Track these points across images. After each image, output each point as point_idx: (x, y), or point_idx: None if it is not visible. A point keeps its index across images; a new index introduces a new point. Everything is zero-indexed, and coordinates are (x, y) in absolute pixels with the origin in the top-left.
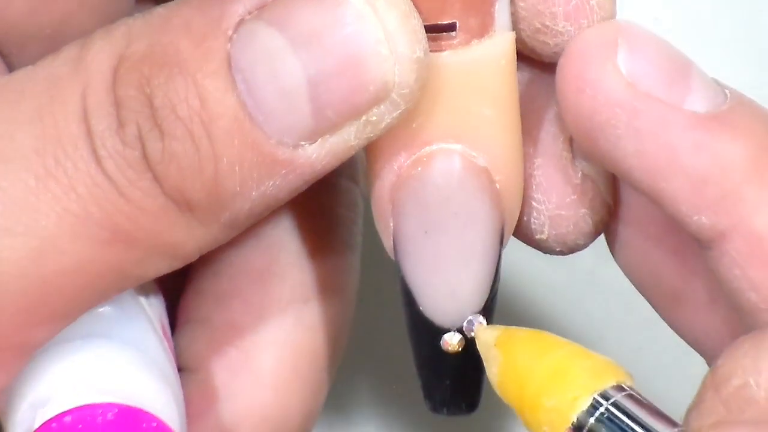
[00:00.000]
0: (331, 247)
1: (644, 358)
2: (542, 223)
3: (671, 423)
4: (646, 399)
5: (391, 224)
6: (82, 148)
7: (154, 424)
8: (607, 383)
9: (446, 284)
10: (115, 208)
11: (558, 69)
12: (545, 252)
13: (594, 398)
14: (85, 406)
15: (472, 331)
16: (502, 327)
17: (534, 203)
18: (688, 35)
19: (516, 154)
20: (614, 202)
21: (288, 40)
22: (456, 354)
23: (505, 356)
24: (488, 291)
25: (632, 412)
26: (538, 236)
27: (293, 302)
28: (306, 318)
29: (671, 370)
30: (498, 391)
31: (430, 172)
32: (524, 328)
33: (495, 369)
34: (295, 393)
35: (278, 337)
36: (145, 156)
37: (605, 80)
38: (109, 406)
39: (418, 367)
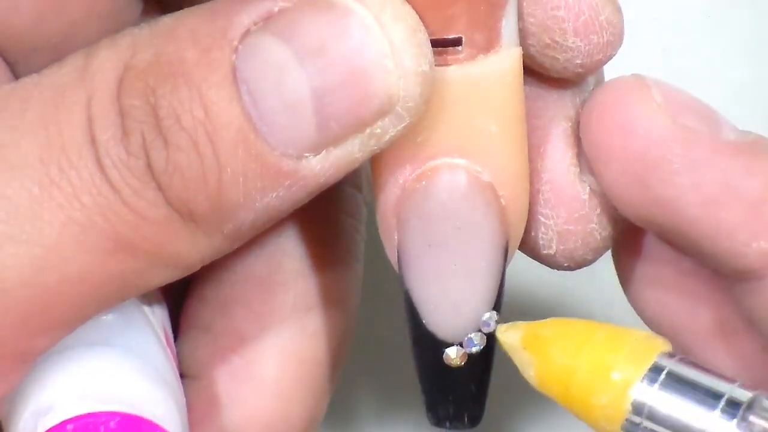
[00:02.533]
0: (334, 256)
1: None
2: (550, 239)
3: (726, 378)
4: (689, 360)
5: (396, 237)
6: (87, 157)
7: None
8: (649, 362)
9: (449, 298)
10: (119, 217)
11: (593, 118)
12: (553, 267)
13: (641, 385)
14: (87, 414)
15: (474, 347)
16: (522, 324)
17: (542, 218)
18: (687, 35)
19: (521, 169)
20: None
21: (293, 51)
22: (458, 368)
23: (539, 358)
24: (492, 306)
25: (685, 378)
26: (545, 251)
27: (296, 310)
28: (309, 326)
29: None
30: (541, 391)
31: (434, 186)
32: (543, 321)
33: (532, 372)
34: (297, 401)
35: (281, 344)
36: (149, 165)
37: (654, 118)
38: (111, 414)
39: (421, 380)
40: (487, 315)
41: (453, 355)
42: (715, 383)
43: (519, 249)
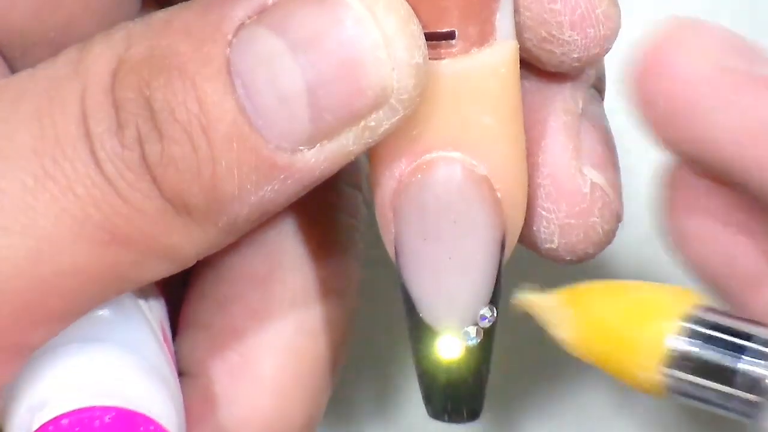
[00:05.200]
0: (332, 253)
1: None
2: (552, 232)
3: (763, 324)
4: (730, 311)
5: (393, 230)
6: (81, 149)
7: (152, 428)
8: (690, 304)
9: (445, 291)
10: (114, 209)
11: (637, 62)
12: (555, 261)
13: (684, 320)
14: (82, 409)
15: (471, 340)
16: (555, 291)
17: (543, 212)
18: None
19: (518, 162)
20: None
21: (287, 44)
22: (455, 361)
23: (577, 309)
24: (488, 299)
25: (726, 325)
26: (547, 245)
27: (295, 307)
28: (307, 323)
29: None
30: (574, 350)
31: (430, 179)
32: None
33: (566, 325)
34: (296, 398)
35: (279, 342)
36: (143, 158)
37: (694, 60)
38: (106, 409)
39: (419, 373)
40: (484, 309)
41: (449, 348)
42: (750, 329)
43: (520, 243)
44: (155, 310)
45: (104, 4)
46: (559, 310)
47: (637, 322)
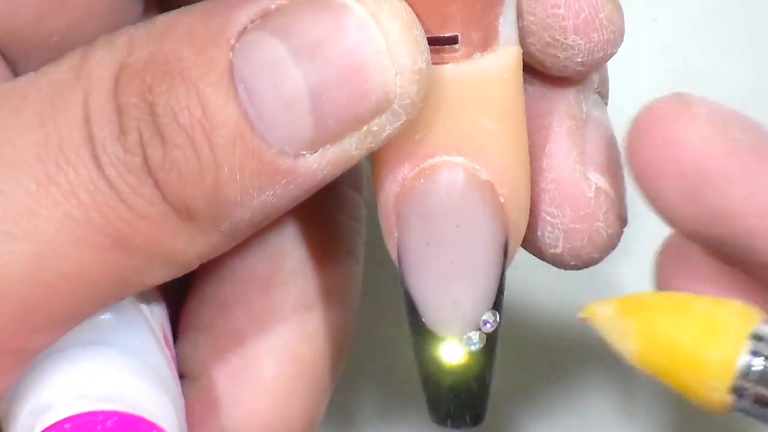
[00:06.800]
0: (334, 256)
1: None
2: (556, 237)
3: None
4: None
5: (396, 235)
6: (84, 154)
7: (154, 431)
8: (757, 321)
9: (448, 296)
10: (116, 214)
11: (640, 137)
12: (559, 267)
13: (753, 338)
14: (84, 413)
15: (474, 345)
16: (612, 299)
17: (548, 217)
18: (687, 36)
19: (521, 167)
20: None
21: (290, 49)
22: (459, 367)
23: (642, 323)
24: (492, 304)
25: None
26: (552, 250)
27: (296, 310)
28: (308, 326)
29: None
30: (639, 364)
31: (433, 184)
32: (634, 294)
33: (631, 339)
34: (297, 401)
35: (281, 344)
36: (146, 163)
37: (703, 132)
38: (108, 413)
39: (422, 378)
40: (486, 314)
41: (452, 353)
42: None
43: (525, 249)
44: (156, 314)
45: (107, 9)
46: (621, 322)
47: (706, 341)
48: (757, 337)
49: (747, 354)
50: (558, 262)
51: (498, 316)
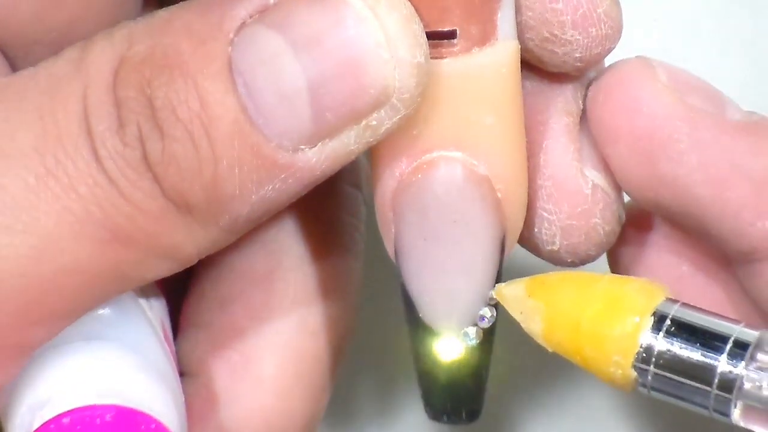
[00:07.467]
0: (333, 252)
1: None
2: (553, 234)
3: (733, 320)
4: (697, 306)
5: (393, 230)
6: (83, 147)
7: (153, 426)
8: (660, 299)
9: (445, 291)
10: (115, 208)
11: (600, 99)
12: (556, 264)
13: (656, 315)
14: (83, 407)
15: (470, 341)
16: (524, 279)
17: (545, 214)
18: (686, 36)
19: (519, 162)
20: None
21: (289, 43)
22: (455, 362)
23: (548, 301)
24: (488, 299)
25: (694, 321)
26: (549, 247)
27: (295, 306)
28: (308, 322)
29: None
30: (545, 342)
31: (430, 179)
32: (543, 273)
33: (537, 318)
34: (297, 397)
35: (280, 341)
36: (145, 156)
37: (661, 98)
38: (107, 407)
39: (418, 374)
40: (483, 310)
41: (449, 348)
42: (721, 325)
43: (522, 245)
44: (156, 309)
45: (106, 4)
46: (528, 302)
47: (608, 317)
48: (661, 314)
49: (649, 330)
50: (555, 258)
51: (495, 311)
